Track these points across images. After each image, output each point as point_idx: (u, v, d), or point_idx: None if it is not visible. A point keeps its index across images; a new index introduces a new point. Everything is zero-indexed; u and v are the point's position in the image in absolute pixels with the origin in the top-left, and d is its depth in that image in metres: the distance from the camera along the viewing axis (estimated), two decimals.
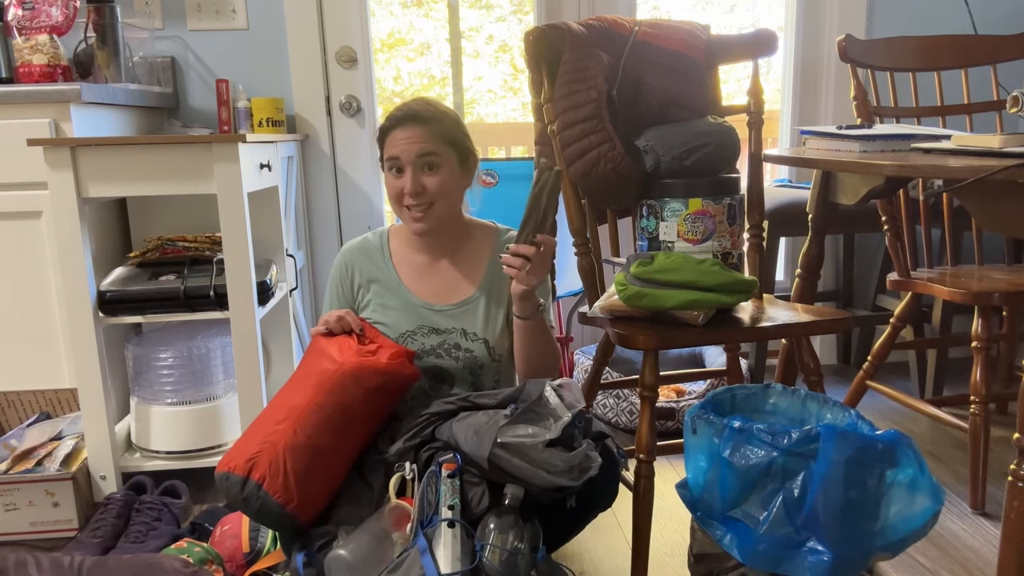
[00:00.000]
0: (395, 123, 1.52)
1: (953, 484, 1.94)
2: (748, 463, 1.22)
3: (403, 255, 1.63)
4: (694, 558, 1.44)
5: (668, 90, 1.63)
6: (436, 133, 1.51)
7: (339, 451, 1.39)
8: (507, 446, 1.24)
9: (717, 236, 1.54)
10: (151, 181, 1.76)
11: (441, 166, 1.51)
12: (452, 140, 1.53)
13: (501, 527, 1.25)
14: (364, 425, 1.43)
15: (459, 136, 1.55)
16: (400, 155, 1.50)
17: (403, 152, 1.50)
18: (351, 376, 1.39)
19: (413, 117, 1.51)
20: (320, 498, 1.38)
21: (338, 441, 1.38)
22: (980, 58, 2.08)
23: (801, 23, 2.73)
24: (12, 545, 1.77)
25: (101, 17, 2.19)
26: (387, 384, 1.43)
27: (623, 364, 2.59)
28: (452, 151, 1.53)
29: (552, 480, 1.24)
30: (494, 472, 1.27)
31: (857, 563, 1.19)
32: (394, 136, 1.51)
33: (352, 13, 2.55)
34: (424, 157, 1.50)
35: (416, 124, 1.50)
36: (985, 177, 1.14)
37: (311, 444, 1.34)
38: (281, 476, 1.32)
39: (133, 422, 1.99)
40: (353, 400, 1.39)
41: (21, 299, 1.99)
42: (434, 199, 1.52)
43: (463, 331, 1.58)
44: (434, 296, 1.60)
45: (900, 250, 1.97)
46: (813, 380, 1.59)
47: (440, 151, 1.51)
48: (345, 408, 1.38)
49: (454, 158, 1.54)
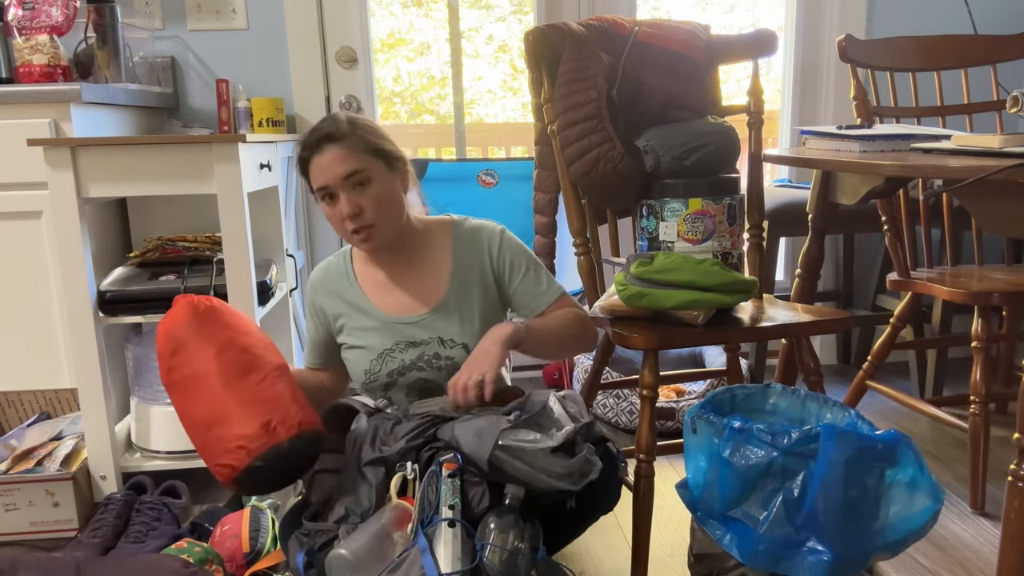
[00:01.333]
0: (311, 150, 1.45)
1: (953, 484, 1.94)
2: (748, 463, 1.22)
3: (367, 273, 1.58)
4: (694, 558, 1.44)
5: (668, 90, 1.63)
6: (355, 147, 1.44)
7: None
8: (508, 449, 1.24)
9: (717, 236, 1.54)
10: (151, 181, 1.76)
11: (371, 179, 1.45)
12: (373, 149, 1.46)
13: (501, 527, 1.25)
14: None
15: (378, 142, 1.48)
16: (327, 182, 1.44)
17: (329, 178, 1.43)
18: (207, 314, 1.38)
19: (327, 138, 1.44)
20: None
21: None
22: (980, 58, 2.08)
23: (801, 23, 2.73)
24: (12, 545, 1.77)
25: (101, 17, 2.19)
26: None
27: (623, 364, 2.59)
28: (376, 159, 1.46)
29: (552, 484, 1.24)
30: (494, 473, 1.27)
31: (857, 563, 1.19)
32: (315, 164, 1.45)
33: (352, 13, 2.55)
34: (351, 177, 1.43)
35: (332, 144, 1.43)
36: (985, 177, 1.14)
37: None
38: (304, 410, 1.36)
39: (133, 422, 1.99)
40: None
41: (21, 299, 1.99)
42: (375, 216, 1.45)
43: (440, 339, 1.52)
44: (403, 309, 1.54)
45: (900, 250, 1.97)
46: (813, 380, 1.59)
47: (365, 164, 1.44)
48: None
49: (381, 166, 1.47)
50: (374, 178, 1.45)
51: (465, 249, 1.55)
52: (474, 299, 1.54)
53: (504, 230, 1.58)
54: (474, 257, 1.55)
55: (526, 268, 1.56)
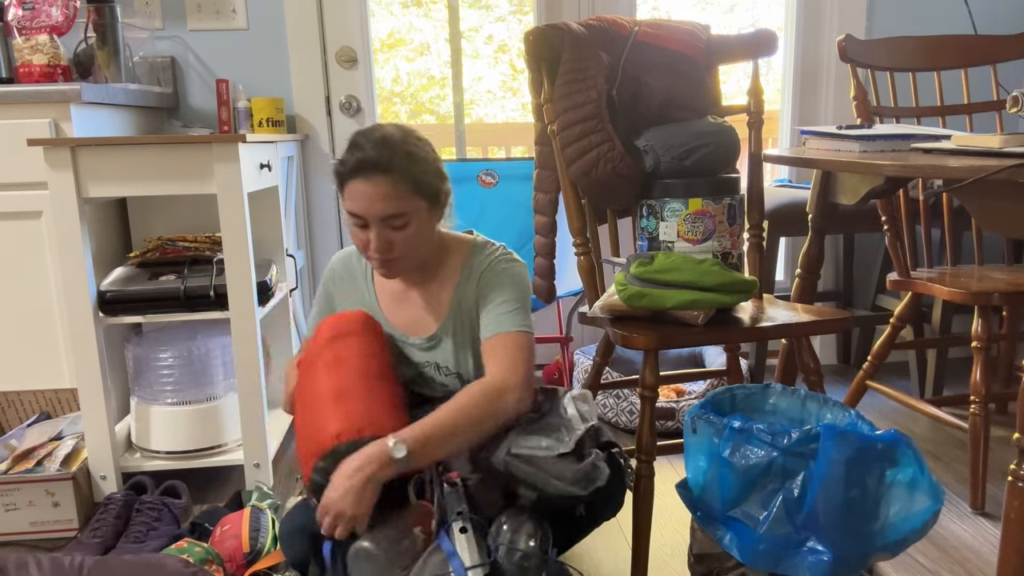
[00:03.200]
0: (353, 172, 1.31)
1: (953, 484, 1.94)
2: (748, 463, 1.22)
3: (384, 280, 1.53)
4: (694, 558, 1.44)
5: (668, 90, 1.63)
6: (402, 183, 1.30)
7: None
8: (520, 455, 1.25)
9: (717, 236, 1.54)
10: (151, 181, 1.76)
11: (409, 223, 1.33)
12: (420, 186, 1.33)
13: (514, 527, 1.26)
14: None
15: (428, 178, 1.35)
16: (362, 213, 1.32)
17: (365, 211, 1.32)
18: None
19: (373, 166, 1.29)
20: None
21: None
22: (980, 58, 2.08)
23: (801, 23, 2.73)
24: (12, 545, 1.77)
25: (101, 17, 2.19)
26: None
27: (623, 364, 2.59)
28: (421, 200, 1.34)
29: (562, 488, 1.24)
30: (506, 478, 1.27)
31: (857, 563, 1.19)
32: (353, 188, 1.31)
33: (352, 13, 2.55)
34: (389, 219, 1.32)
35: (377, 175, 1.29)
36: (985, 177, 1.14)
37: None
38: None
39: (133, 422, 1.99)
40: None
41: (21, 299, 1.99)
42: (403, 253, 1.36)
43: (436, 365, 1.50)
44: (408, 327, 1.50)
45: (900, 250, 1.97)
46: (813, 380, 1.59)
47: (408, 207, 1.32)
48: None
49: (423, 206, 1.35)
50: (413, 220, 1.34)
51: (470, 276, 1.47)
52: (467, 328, 1.47)
53: (511, 266, 1.47)
54: (474, 294, 1.47)
55: (495, 297, 1.43)
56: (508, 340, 1.39)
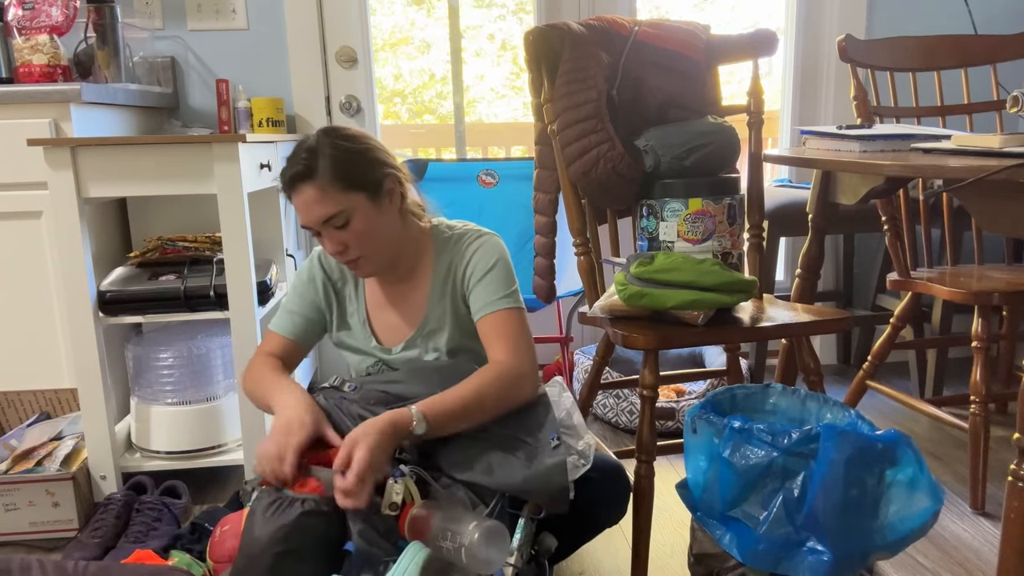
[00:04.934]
0: (286, 189, 1.34)
1: (953, 484, 1.94)
2: (748, 463, 1.22)
3: (372, 282, 1.50)
4: (694, 558, 1.44)
5: (668, 90, 1.63)
6: (328, 185, 1.31)
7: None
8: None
9: (717, 236, 1.54)
10: (151, 181, 1.76)
11: (351, 218, 1.33)
12: (351, 181, 1.32)
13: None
14: None
15: (358, 170, 1.34)
16: (304, 223, 1.35)
17: (305, 220, 1.34)
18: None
19: (298, 177, 1.31)
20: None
21: None
22: (980, 58, 2.08)
23: (801, 23, 2.73)
24: (12, 545, 1.77)
25: (101, 17, 2.19)
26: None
27: (623, 364, 2.59)
28: (357, 193, 1.33)
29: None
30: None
31: (857, 563, 1.19)
32: (295, 202, 1.35)
33: (352, 13, 2.55)
34: (328, 221, 1.33)
35: (303, 184, 1.31)
36: (985, 177, 1.14)
37: None
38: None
39: (133, 422, 1.99)
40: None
41: (21, 299, 1.99)
42: (360, 251, 1.36)
43: (410, 359, 1.47)
44: (391, 333, 1.47)
45: (900, 250, 1.97)
46: (813, 380, 1.59)
47: (341, 205, 1.32)
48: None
49: (361, 199, 1.34)
50: (354, 216, 1.33)
51: (442, 263, 1.45)
52: (447, 317, 1.45)
53: (484, 239, 1.46)
54: (449, 270, 1.45)
55: (484, 274, 1.42)
56: (506, 321, 1.39)
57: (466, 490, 1.27)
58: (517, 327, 1.40)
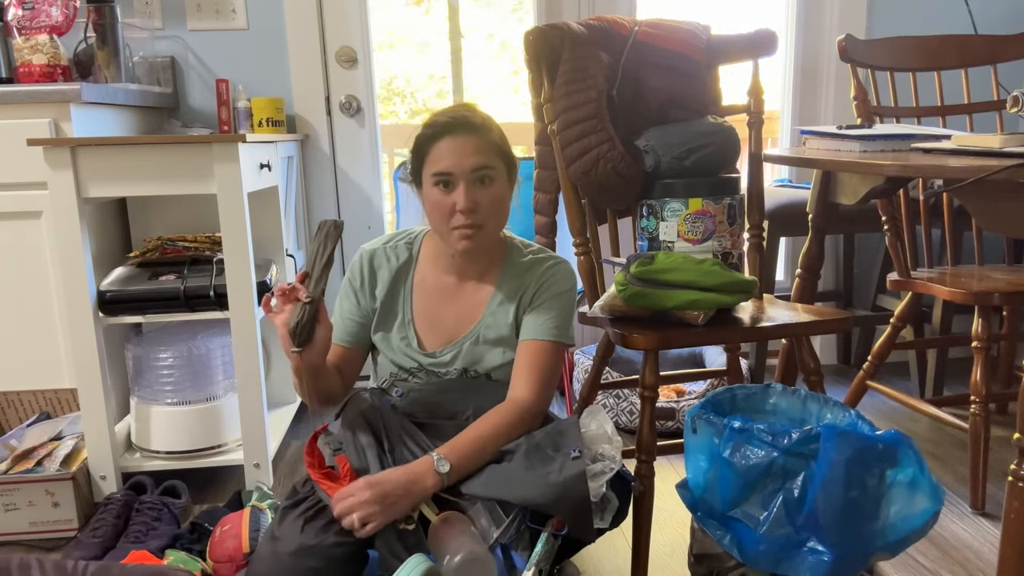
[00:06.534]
0: (441, 131, 1.35)
1: (953, 484, 1.94)
2: (748, 463, 1.22)
3: (424, 281, 1.48)
4: (694, 558, 1.44)
5: (668, 90, 1.63)
6: (488, 143, 1.36)
7: None
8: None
9: (717, 236, 1.54)
10: (151, 181, 1.76)
11: (495, 180, 1.37)
12: (502, 151, 1.39)
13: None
14: None
15: (507, 145, 1.41)
16: (451, 169, 1.34)
17: (455, 165, 1.33)
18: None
19: (463, 125, 1.35)
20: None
21: None
22: (980, 58, 2.08)
23: (801, 23, 2.73)
24: (12, 545, 1.77)
25: (101, 17, 2.19)
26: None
27: (623, 364, 2.59)
28: (502, 163, 1.39)
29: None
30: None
31: (857, 563, 1.19)
32: (440, 147, 1.34)
33: (352, 13, 2.55)
34: (479, 171, 1.34)
35: (467, 133, 1.34)
36: (985, 177, 1.14)
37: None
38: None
39: (133, 422, 1.99)
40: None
41: (21, 299, 1.99)
42: (486, 217, 1.37)
43: (463, 370, 1.47)
44: (438, 337, 1.47)
45: (900, 250, 1.97)
46: (813, 380, 1.59)
47: (494, 163, 1.37)
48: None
49: (504, 171, 1.40)
50: (497, 179, 1.38)
51: (510, 281, 1.46)
52: (500, 327, 1.46)
53: (562, 265, 1.47)
54: (519, 286, 1.46)
55: (550, 298, 1.44)
56: (547, 354, 1.42)
57: (488, 504, 1.27)
58: (552, 364, 1.42)
